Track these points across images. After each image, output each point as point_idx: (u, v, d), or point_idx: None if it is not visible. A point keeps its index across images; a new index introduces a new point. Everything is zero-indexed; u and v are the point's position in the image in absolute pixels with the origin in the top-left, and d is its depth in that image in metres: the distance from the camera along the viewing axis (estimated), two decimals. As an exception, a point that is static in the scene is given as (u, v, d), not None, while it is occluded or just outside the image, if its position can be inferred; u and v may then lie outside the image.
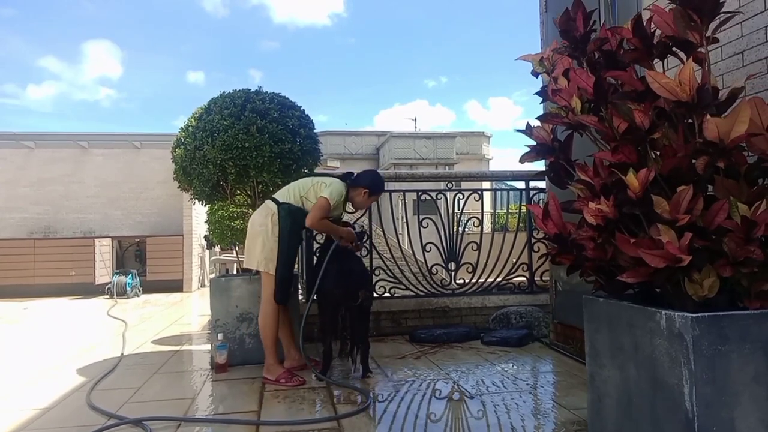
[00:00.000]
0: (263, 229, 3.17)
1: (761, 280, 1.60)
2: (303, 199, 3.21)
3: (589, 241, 1.85)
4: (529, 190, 4.84)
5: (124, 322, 5.92)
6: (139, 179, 10.93)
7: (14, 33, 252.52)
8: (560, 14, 2.00)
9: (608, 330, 1.93)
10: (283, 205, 3.19)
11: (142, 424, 2.42)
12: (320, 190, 3.18)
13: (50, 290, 9.30)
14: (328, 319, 3.20)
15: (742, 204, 1.56)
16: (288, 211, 3.18)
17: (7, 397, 3.06)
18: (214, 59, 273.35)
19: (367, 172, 3.54)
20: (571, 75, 1.90)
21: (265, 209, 3.23)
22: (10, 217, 10.53)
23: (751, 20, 2.20)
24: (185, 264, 9.97)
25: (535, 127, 2.13)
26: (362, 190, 3.35)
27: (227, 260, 9.84)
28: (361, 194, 3.36)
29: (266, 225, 3.17)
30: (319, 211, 3.12)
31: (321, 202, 3.13)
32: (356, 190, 3.35)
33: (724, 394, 1.53)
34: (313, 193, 3.21)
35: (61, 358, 4.11)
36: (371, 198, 3.44)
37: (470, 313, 4.61)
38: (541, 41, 3.98)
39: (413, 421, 2.43)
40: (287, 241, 3.17)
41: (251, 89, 3.86)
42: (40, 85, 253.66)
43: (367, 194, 3.37)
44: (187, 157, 3.69)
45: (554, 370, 3.33)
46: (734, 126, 1.55)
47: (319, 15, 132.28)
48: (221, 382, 3.22)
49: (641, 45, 1.81)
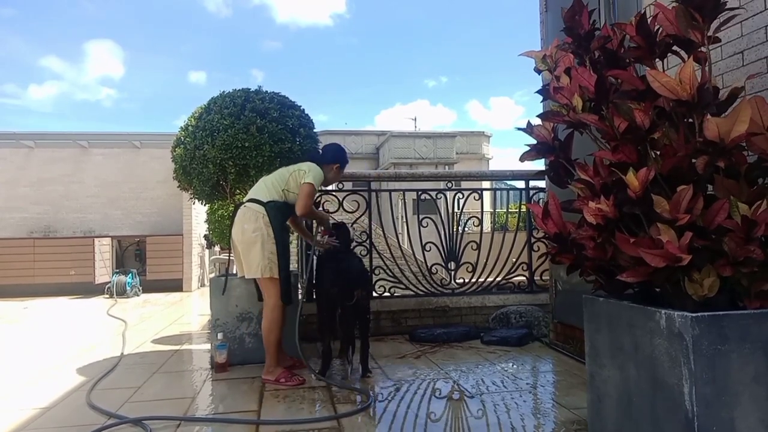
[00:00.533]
0: (258, 234, 3.09)
1: (761, 279, 1.60)
2: (285, 192, 3.20)
3: (589, 241, 1.85)
4: (529, 189, 4.84)
5: (123, 322, 5.92)
6: (139, 179, 10.92)
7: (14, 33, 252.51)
8: (566, 9, 2.00)
9: (608, 330, 1.93)
10: (269, 204, 3.13)
11: (142, 423, 2.42)
12: (302, 177, 3.17)
13: (50, 290, 9.30)
14: (326, 319, 3.19)
15: (742, 203, 1.56)
16: (276, 209, 3.14)
17: (7, 397, 3.06)
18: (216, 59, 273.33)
19: (329, 146, 3.57)
20: (572, 73, 1.90)
21: (252, 213, 3.13)
22: (10, 217, 10.53)
23: (751, 20, 2.20)
24: (185, 263, 9.97)
25: (535, 125, 2.12)
26: (332, 165, 3.41)
27: (227, 260, 9.82)
28: (332, 170, 3.42)
29: (260, 229, 3.10)
30: (308, 199, 3.14)
31: (308, 189, 3.13)
32: (327, 167, 3.37)
33: (724, 394, 1.53)
34: (293, 183, 3.20)
35: (61, 357, 4.11)
36: (341, 171, 3.53)
37: (470, 312, 4.61)
38: (541, 41, 3.97)
39: (413, 421, 2.43)
40: (281, 239, 3.16)
41: (251, 89, 3.86)
42: (41, 85, 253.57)
43: (338, 168, 3.45)
44: (187, 156, 3.69)
45: (554, 370, 3.33)
46: (735, 125, 1.55)
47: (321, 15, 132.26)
48: (221, 381, 3.21)
49: (644, 43, 1.80)
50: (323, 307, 3.21)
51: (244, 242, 3.14)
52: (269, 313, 3.16)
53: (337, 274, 3.14)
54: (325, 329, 3.20)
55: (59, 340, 5.09)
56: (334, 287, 3.11)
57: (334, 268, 3.19)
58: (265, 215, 3.12)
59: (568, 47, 2.03)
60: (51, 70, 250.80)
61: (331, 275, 3.16)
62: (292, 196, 3.20)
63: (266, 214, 3.12)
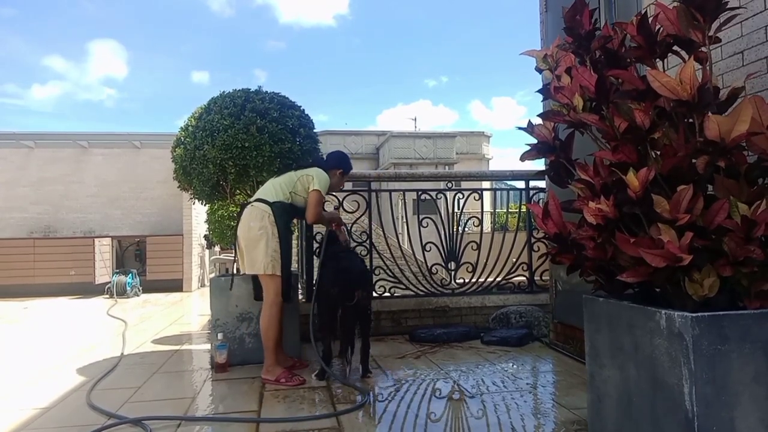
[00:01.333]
0: (263, 232, 3.14)
1: (761, 279, 1.60)
2: (292, 195, 3.26)
3: (589, 241, 1.85)
4: (529, 189, 4.84)
5: (124, 322, 5.92)
6: (139, 179, 10.93)
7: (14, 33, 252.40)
8: (567, 9, 2.00)
9: (608, 330, 1.93)
10: (275, 204, 3.19)
11: (141, 423, 2.42)
12: (309, 184, 3.24)
13: (50, 290, 9.31)
14: (327, 319, 3.19)
15: (742, 203, 1.56)
16: (282, 209, 3.20)
17: (7, 397, 3.06)
18: (219, 59, 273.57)
19: (334, 153, 3.61)
20: (573, 73, 1.90)
21: (258, 212, 3.18)
22: (10, 217, 10.53)
23: (751, 20, 2.20)
24: (185, 264, 9.97)
25: (536, 125, 2.12)
26: (336, 171, 3.45)
27: (227, 260, 9.83)
28: (336, 175, 3.46)
29: (266, 227, 3.15)
30: (318, 206, 3.23)
31: (316, 197, 3.20)
32: (331, 172, 3.41)
33: (724, 394, 1.52)
34: (301, 187, 3.26)
35: (61, 357, 4.11)
36: (345, 177, 3.59)
37: (470, 312, 4.61)
38: (541, 41, 3.97)
39: (413, 421, 2.43)
40: (285, 238, 3.20)
41: (251, 89, 3.86)
42: (45, 85, 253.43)
43: (341, 173, 3.50)
44: (187, 156, 3.69)
45: (554, 370, 3.33)
46: (735, 125, 1.54)
47: (325, 16, 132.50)
48: (221, 381, 3.21)
49: (645, 43, 1.80)
50: (324, 308, 3.21)
51: (249, 239, 3.18)
52: (268, 310, 3.18)
53: (338, 274, 3.15)
54: (326, 329, 3.20)
55: (59, 340, 5.09)
56: (334, 287, 3.11)
57: (336, 267, 3.19)
58: (270, 214, 3.16)
59: (569, 47, 2.03)
60: (54, 69, 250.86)
61: (332, 275, 3.16)
62: (298, 199, 3.27)
63: (272, 213, 3.16)
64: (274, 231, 3.15)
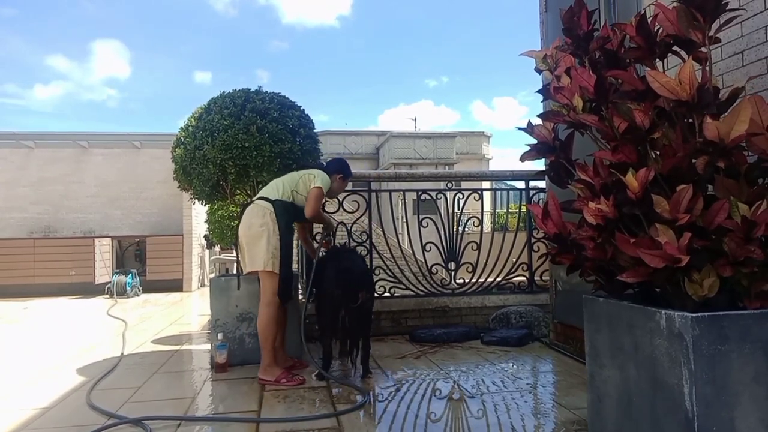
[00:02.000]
0: (265, 229, 3.15)
1: (761, 279, 1.60)
2: (294, 193, 3.28)
3: (588, 241, 1.85)
4: (529, 189, 4.84)
5: (124, 322, 5.92)
6: (139, 179, 10.93)
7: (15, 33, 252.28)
8: (564, 9, 2.00)
9: (608, 330, 1.93)
10: (277, 202, 3.20)
11: (142, 423, 2.42)
12: (311, 182, 3.26)
13: (50, 290, 9.31)
14: (328, 320, 3.18)
15: (742, 204, 1.56)
16: (284, 208, 3.21)
17: (7, 397, 3.06)
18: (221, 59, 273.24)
19: (334, 159, 3.64)
20: (572, 73, 1.90)
21: (260, 209, 3.19)
22: (10, 217, 10.53)
23: (751, 20, 2.20)
24: (185, 264, 9.97)
25: (536, 125, 2.12)
26: (336, 176, 3.47)
27: (227, 260, 9.84)
28: (337, 180, 3.48)
29: (267, 224, 3.15)
30: (317, 201, 3.25)
31: (317, 192, 3.23)
32: (332, 176, 3.43)
33: (724, 394, 1.53)
34: (303, 186, 3.28)
35: (61, 357, 4.11)
36: (345, 182, 3.61)
37: (470, 312, 4.61)
38: (541, 41, 3.98)
39: (413, 421, 2.43)
40: (286, 236, 3.20)
41: (251, 89, 3.86)
42: (47, 85, 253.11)
43: (342, 178, 3.53)
44: (187, 156, 3.69)
45: (554, 370, 3.33)
46: (735, 125, 1.54)
47: (328, 17, 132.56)
48: (221, 381, 3.21)
49: (644, 43, 1.80)
50: (325, 309, 3.20)
51: (250, 236, 3.18)
52: (265, 308, 3.17)
53: (340, 275, 3.13)
54: (327, 330, 3.20)
55: (59, 340, 5.09)
56: (337, 289, 3.09)
57: (338, 268, 3.17)
58: (272, 212, 3.17)
59: (567, 48, 2.03)
60: (57, 69, 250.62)
61: (335, 276, 3.14)
62: (299, 198, 3.28)
63: (273, 210, 3.17)
64: (275, 228, 3.16)
